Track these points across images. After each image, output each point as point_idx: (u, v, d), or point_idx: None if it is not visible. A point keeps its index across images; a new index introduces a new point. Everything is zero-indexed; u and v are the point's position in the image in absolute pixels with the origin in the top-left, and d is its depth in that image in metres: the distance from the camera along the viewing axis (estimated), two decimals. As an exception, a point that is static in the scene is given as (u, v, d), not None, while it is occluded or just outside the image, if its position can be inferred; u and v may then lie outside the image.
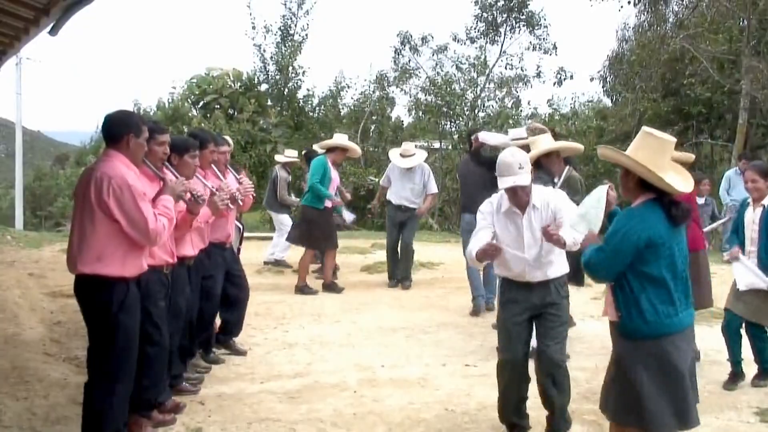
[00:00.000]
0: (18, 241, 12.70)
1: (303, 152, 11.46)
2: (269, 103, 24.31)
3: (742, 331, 5.72)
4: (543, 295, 4.47)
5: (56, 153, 62.58)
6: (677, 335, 3.53)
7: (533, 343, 4.55)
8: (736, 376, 5.73)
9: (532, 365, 4.54)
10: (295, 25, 24.11)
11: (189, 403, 4.99)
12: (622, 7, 24.82)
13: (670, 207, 3.51)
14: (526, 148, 6.88)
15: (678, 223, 3.54)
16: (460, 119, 22.26)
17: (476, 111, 22.74)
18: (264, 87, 24.67)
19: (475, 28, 23.91)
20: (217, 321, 6.33)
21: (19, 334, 6.69)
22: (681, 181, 3.57)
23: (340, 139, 9.66)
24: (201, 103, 23.46)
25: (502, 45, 24.03)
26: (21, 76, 28.02)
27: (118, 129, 3.98)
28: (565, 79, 23.29)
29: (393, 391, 5.45)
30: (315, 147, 11.15)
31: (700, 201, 8.89)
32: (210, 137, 5.70)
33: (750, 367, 5.74)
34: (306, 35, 24.30)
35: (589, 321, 7.53)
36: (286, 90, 24.49)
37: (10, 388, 5.16)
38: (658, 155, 3.52)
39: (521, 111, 23.29)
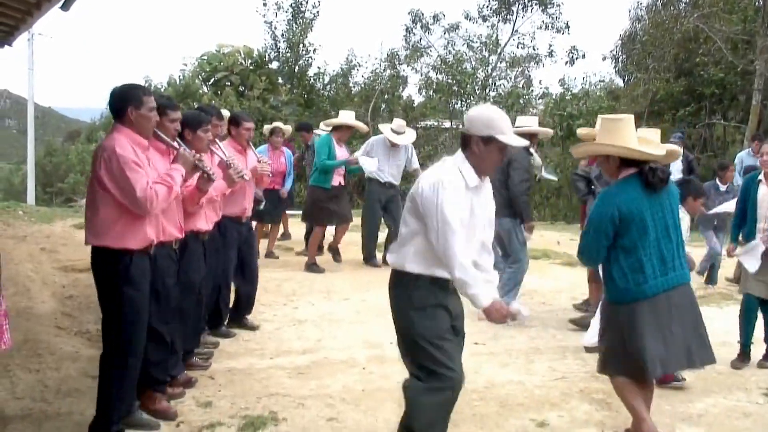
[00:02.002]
0: (30, 216, 12.75)
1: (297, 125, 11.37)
2: (280, 80, 24.30)
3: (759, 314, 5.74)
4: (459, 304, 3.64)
5: (67, 129, 62.77)
6: (652, 300, 3.83)
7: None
8: (744, 356, 5.74)
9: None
10: (307, 3, 24.05)
11: (199, 378, 5.03)
12: (636, -14, 24.57)
13: (648, 174, 3.82)
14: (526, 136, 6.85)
15: (656, 189, 3.83)
16: (471, 98, 22.21)
17: (487, 90, 22.71)
18: (275, 64, 24.66)
19: (487, 6, 23.83)
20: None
21: (32, 308, 6.74)
22: (653, 149, 4.00)
23: (345, 117, 9.57)
24: (212, 80, 23.46)
25: (514, 24, 23.99)
26: (33, 51, 28.00)
27: (119, 103, 3.98)
28: (577, 58, 23.23)
29: (402, 369, 5.38)
30: (322, 125, 11.12)
31: (723, 188, 8.82)
32: (215, 112, 5.71)
33: (758, 347, 5.76)
34: (317, 12, 24.27)
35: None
36: (297, 67, 24.47)
37: (22, 361, 5.21)
38: (625, 133, 3.93)
39: (532, 90, 23.23)
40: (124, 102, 3.95)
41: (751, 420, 4.64)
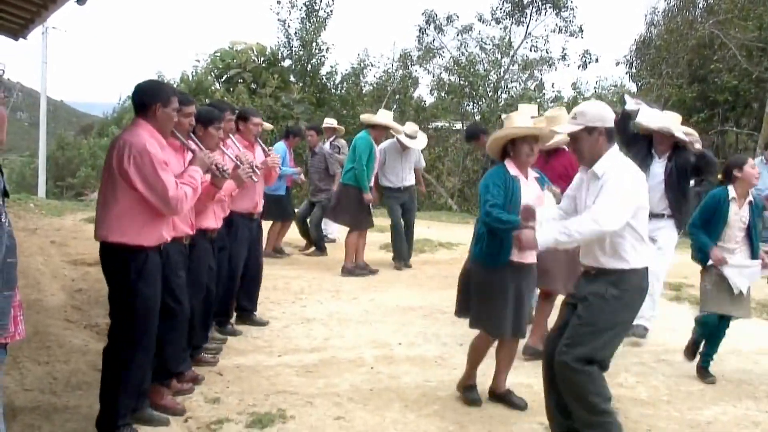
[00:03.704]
0: (41, 209, 12.83)
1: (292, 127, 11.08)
2: (292, 78, 24.27)
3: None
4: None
5: (79, 123, 62.87)
6: None
7: None
8: (693, 353, 5.65)
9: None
10: (320, 1, 23.99)
11: (207, 374, 5.04)
12: (652, -10, 24.44)
13: None
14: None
15: None
16: (483, 100, 22.17)
17: (499, 92, 22.65)
18: (287, 62, 24.63)
19: (501, 9, 23.74)
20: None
21: (41, 301, 6.77)
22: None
23: (384, 117, 9.26)
24: (224, 77, 23.45)
25: (527, 26, 23.89)
26: (46, 45, 28.11)
27: (146, 98, 3.96)
28: (590, 62, 23.11)
29: (410, 369, 5.47)
30: (328, 121, 11.05)
31: None
32: (228, 107, 5.70)
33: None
34: (331, 11, 24.19)
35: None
36: (309, 66, 24.43)
37: (31, 353, 5.24)
38: None
39: (544, 94, 23.14)
40: (154, 98, 3.94)
41: (760, 429, 4.62)
